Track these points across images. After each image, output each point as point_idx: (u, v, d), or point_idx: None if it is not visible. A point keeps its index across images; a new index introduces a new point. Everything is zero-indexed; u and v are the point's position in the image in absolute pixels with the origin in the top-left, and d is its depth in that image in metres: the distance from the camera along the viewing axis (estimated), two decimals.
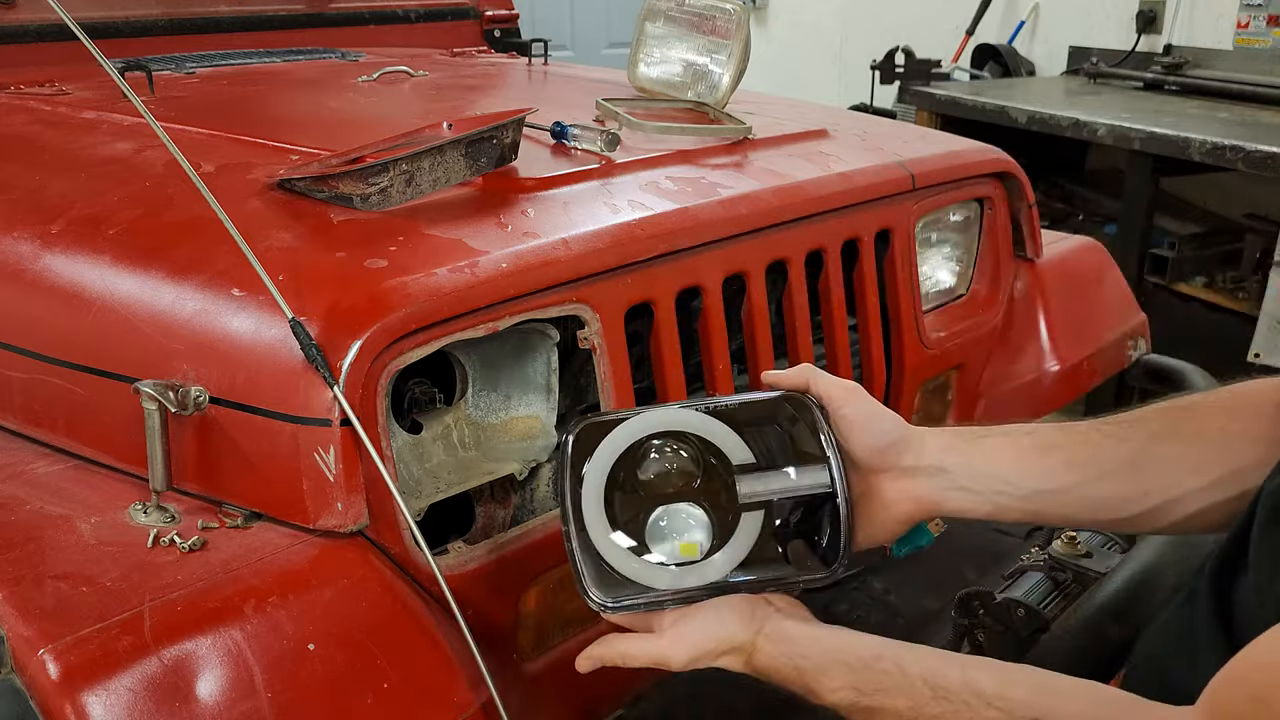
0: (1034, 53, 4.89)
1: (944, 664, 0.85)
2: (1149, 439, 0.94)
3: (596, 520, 0.93)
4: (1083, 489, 0.95)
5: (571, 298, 1.13)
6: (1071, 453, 0.95)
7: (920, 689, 0.82)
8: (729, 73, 1.68)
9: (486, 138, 1.20)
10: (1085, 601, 1.22)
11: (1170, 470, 0.93)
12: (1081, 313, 1.85)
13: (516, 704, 0.95)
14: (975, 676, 0.82)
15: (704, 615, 0.92)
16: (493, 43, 2.57)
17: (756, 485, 0.95)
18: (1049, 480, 0.95)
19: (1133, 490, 0.94)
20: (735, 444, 0.96)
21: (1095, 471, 0.94)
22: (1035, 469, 0.96)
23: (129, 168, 1.34)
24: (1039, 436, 0.98)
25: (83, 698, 0.78)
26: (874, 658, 0.86)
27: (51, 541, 0.93)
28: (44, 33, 1.89)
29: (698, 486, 0.96)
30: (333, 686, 0.87)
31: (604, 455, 0.94)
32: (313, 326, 0.95)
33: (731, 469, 0.95)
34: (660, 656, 0.93)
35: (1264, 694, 0.65)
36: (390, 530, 1.00)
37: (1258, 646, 0.67)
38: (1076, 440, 0.96)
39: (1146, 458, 0.93)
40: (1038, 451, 0.96)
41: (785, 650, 0.90)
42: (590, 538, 0.92)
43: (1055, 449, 0.96)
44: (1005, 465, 0.96)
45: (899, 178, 1.53)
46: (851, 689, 0.86)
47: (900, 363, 1.57)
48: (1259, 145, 2.98)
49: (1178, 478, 0.92)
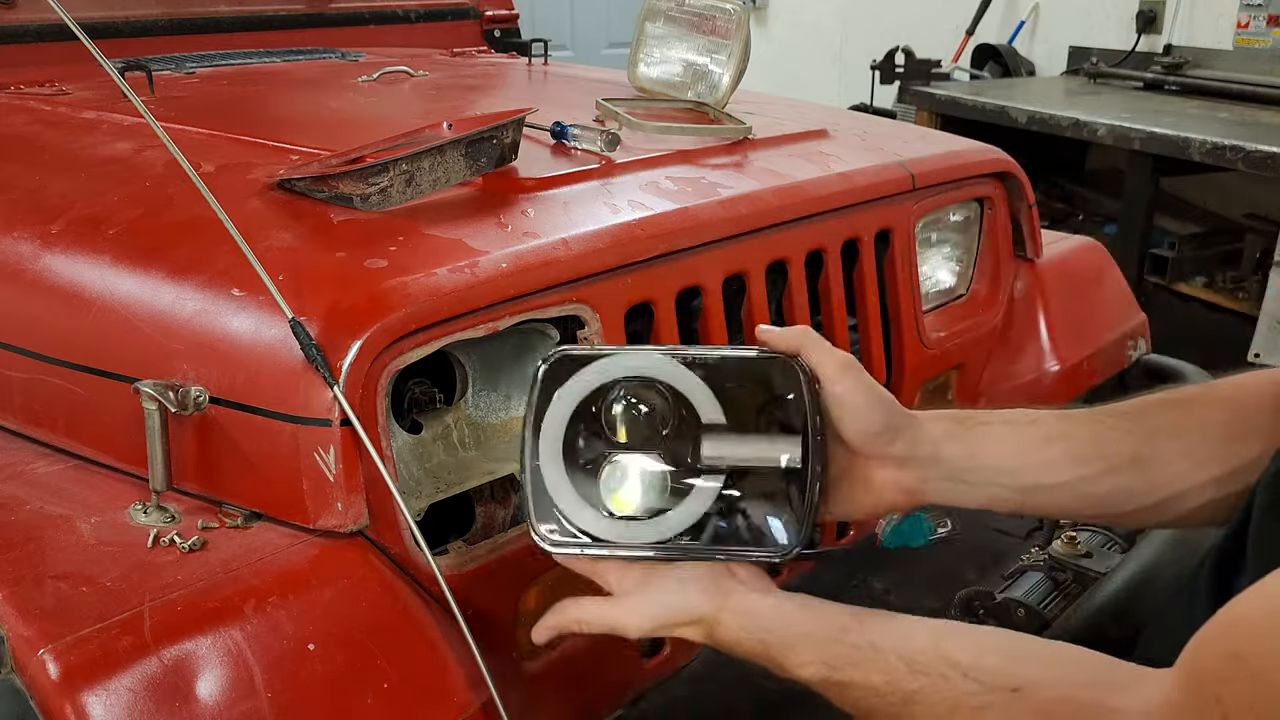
0: (1034, 53, 4.90)
1: (915, 635, 0.82)
2: (1154, 433, 0.93)
3: (552, 459, 0.90)
4: (1086, 484, 0.93)
5: (571, 298, 1.13)
6: (1075, 445, 0.93)
7: (894, 663, 0.81)
8: (729, 73, 1.68)
9: (486, 138, 1.20)
10: (1085, 601, 1.22)
11: (1175, 465, 0.92)
12: (1081, 313, 1.85)
13: (516, 704, 0.95)
14: (949, 647, 0.80)
15: (663, 583, 0.90)
16: (493, 43, 2.57)
17: (721, 449, 0.90)
18: (1051, 474, 0.93)
19: (1138, 484, 0.92)
20: (708, 401, 0.91)
21: (1100, 466, 0.93)
22: (1037, 461, 0.93)
23: (129, 168, 1.34)
24: (1042, 426, 0.95)
25: (83, 698, 0.78)
26: (841, 630, 0.84)
27: (51, 541, 0.93)
28: (44, 33, 1.89)
29: (664, 437, 0.91)
30: (333, 686, 0.87)
31: (571, 391, 0.91)
32: (313, 326, 0.95)
33: (700, 427, 0.91)
34: (616, 623, 0.91)
35: (1241, 648, 0.63)
36: (390, 530, 1.00)
37: (1235, 604, 0.66)
38: (1081, 432, 0.94)
39: (1153, 452, 0.92)
40: (1040, 442, 0.94)
41: (749, 624, 0.88)
42: (543, 475, 0.90)
43: (1058, 440, 0.94)
44: (1006, 456, 0.94)
45: (899, 178, 1.53)
46: (821, 664, 0.84)
47: (900, 362, 1.57)
48: (1259, 145, 2.98)
49: (1183, 472, 0.91)
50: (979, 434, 0.95)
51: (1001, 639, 0.82)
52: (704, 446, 0.90)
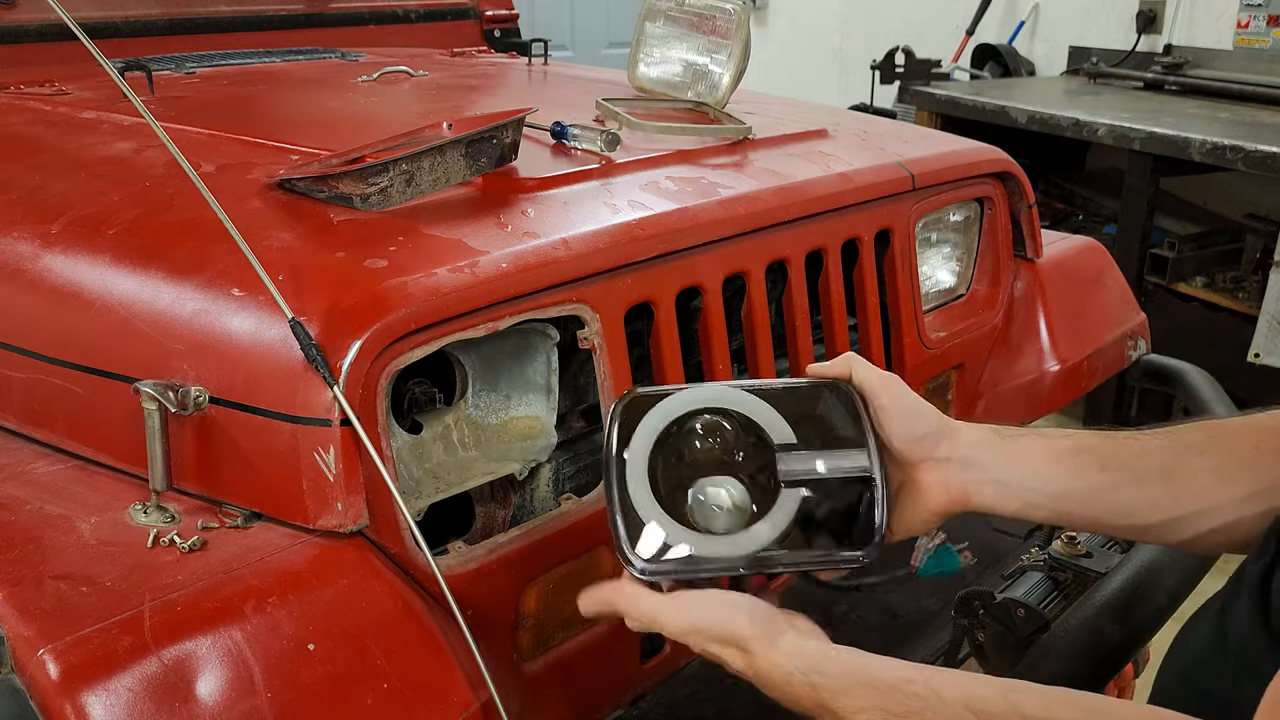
0: (1034, 53, 4.90)
1: (982, 686, 0.81)
2: (1185, 448, 0.94)
3: (640, 488, 0.94)
4: (1115, 492, 0.95)
5: (571, 298, 1.13)
6: (1106, 456, 0.95)
7: (961, 713, 0.79)
8: (729, 73, 1.68)
9: (486, 138, 1.20)
10: (1085, 601, 1.22)
11: (1202, 481, 0.93)
12: (1081, 313, 1.85)
13: (516, 704, 0.96)
14: (1019, 700, 0.79)
15: (717, 601, 0.92)
16: (493, 43, 2.57)
17: (795, 464, 0.95)
18: (1080, 479, 0.95)
19: (1164, 497, 0.93)
20: (778, 423, 0.97)
21: (1128, 475, 0.94)
22: (1067, 468, 0.96)
23: (129, 168, 1.34)
24: (1076, 439, 0.98)
25: (83, 698, 0.78)
26: (904, 680, 0.83)
27: (51, 541, 0.93)
28: (44, 33, 1.89)
29: (739, 463, 0.96)
30: (333, 686, 0.87)
31: (650, 426, 0.96)
32: (313, 326, 0.95)
33: (773, 448, 0.96)
34: (657, 616, 0.92)
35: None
36: (390, 530, 1.00)
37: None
38: (1113, 444, 0.96)
39: (1180, 466, 0.93)
40: (1072, 452, 0.96)
41: (803, 665, 0.87)
42: (633, 503, 0.93)
43: (1090, 451, 0.96)
44: (1039, 462, 0.96)
45: (899, 178, 1.53)
46: (880, 710, 0.82)
47: (900, 362, 1.57)
48: (1259, 145, 2.98)
49: (1208, 488, 0.92)
50: (1015, 442, 0.98)
51: (1073, 695, 0.81)
52: (780, 463, 0.95)
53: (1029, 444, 0.98)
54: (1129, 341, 1.91)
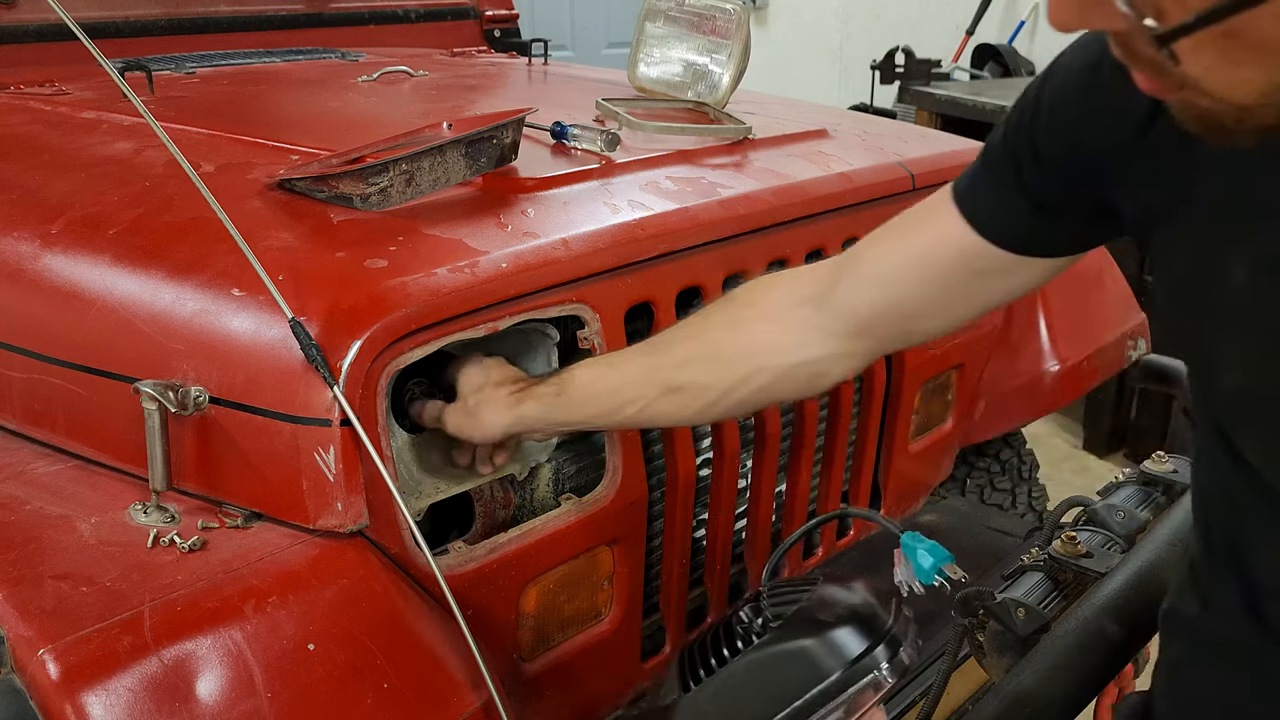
0: (1034, 53, 4.89)
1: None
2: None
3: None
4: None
5: (571, 298, 1.13)
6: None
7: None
8: (729, 73, 1.68)
9: (486, 138, 1.20)
10: (1085, 601, 1.22)
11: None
12: (1081, 312, 1.85)
13: (516, 704, 0.96)
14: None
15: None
16: (493, 43, 2.57)
17: None
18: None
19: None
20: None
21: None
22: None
23: (129, 168, 1.34)
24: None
25: (83, 698, 0.78)
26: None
27: (51, 541, 0.93)
28: (44, 33, 1.89)
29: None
30: (333, 686, 0.87)
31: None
32: (313, 326, 0.95)
33: None
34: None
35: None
36: (390, 530, 1.00)
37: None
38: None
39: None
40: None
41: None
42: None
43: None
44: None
45: (899, 178, 1.53)
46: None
47: (900, 362, 1.57)
48: None
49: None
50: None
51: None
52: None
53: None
54: (1129, 341, 1.90)
